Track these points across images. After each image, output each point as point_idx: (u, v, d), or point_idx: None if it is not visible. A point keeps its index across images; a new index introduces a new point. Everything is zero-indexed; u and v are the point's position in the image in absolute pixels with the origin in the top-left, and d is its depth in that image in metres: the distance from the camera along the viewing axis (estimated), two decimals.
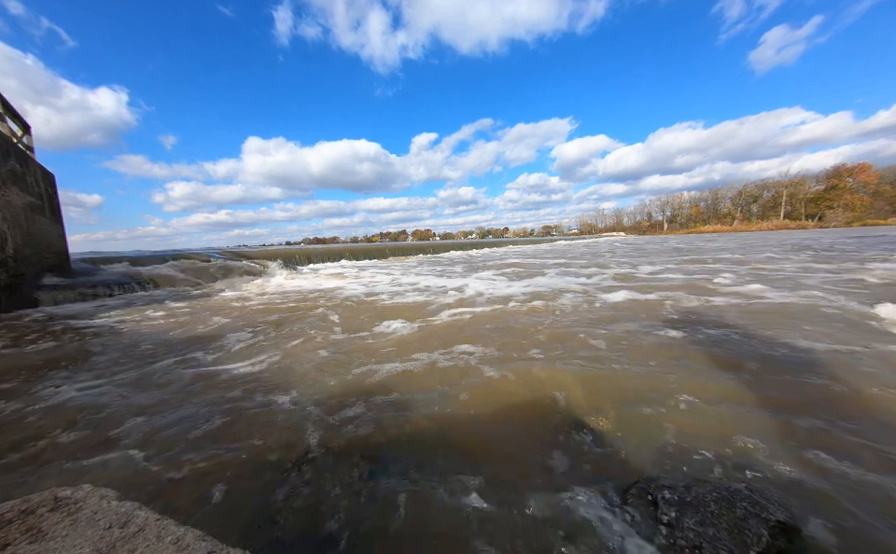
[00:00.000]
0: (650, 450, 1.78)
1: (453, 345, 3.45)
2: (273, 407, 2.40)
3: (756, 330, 3.53)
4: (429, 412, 2.21)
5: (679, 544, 1.21)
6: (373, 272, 12.55)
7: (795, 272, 7.31)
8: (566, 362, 2.90)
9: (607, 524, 1.34)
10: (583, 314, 4.51)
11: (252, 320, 5.18)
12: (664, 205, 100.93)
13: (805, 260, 9.56)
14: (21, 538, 0.92)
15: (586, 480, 1.58)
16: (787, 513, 1.28)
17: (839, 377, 2.45)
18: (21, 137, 8.71)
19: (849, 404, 2.12)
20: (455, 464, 1.73)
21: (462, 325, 4.29)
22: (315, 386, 2.70)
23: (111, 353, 3.81)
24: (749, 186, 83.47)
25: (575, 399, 2.30)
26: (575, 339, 3.51)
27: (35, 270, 7.91)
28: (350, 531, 1.37)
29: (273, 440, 1.99)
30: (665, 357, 2.93)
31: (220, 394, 2.64)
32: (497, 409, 2.23)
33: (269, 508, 1.49)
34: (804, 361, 2.75)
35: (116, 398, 2.65)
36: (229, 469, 1.75)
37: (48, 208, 8.87)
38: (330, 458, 1.81)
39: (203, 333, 4.55)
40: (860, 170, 65.48)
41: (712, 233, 58.07)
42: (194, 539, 0.93)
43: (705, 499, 1.34)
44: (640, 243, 29.24)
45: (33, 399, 2.68)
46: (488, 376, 2.70)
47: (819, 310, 4.23)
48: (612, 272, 8.74)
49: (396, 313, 5.10)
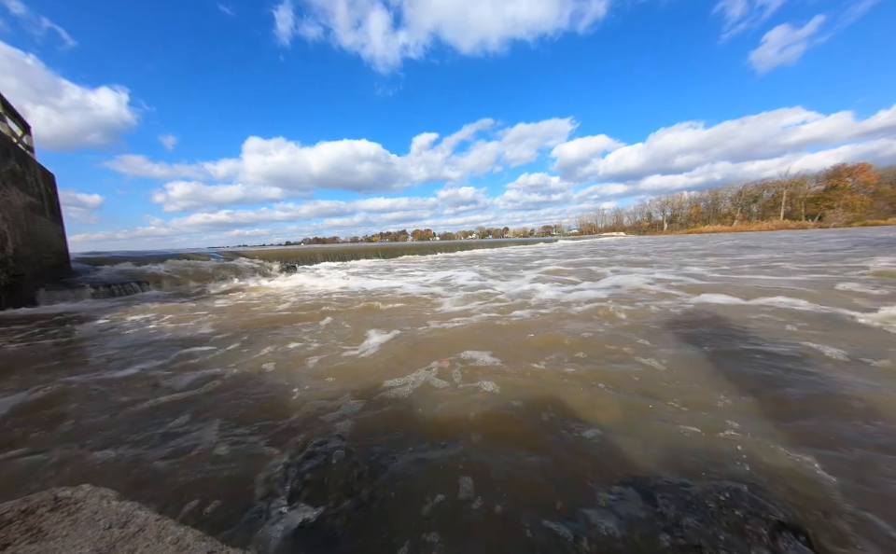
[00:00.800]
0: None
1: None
2: (280, 409, 2.40)
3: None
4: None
5: (679, 544, 1.21)
6: (401, 273, 11.71)
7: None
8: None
9: (607, 524, 1.34)
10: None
11: (254, 320, 5.18)
12: (664, 205, 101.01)
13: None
14: (21, 538, 0.92)
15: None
16: (787, 513, 1.28)
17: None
18: (21, 137, 8.71)
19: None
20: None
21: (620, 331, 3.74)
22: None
23: (108, 353, 3.81)
24: (749, 186, 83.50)
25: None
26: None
27: (35, 269, 7.91)
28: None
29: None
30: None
31: (217, 395, 2.65)
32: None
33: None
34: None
35: (110, 396, 2.65)
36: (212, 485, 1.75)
37: (48, 208, 8.87)
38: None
39: (202, 333, 4.55)
40: (859, 170, 65.50)
41: (713, 233, 58.05)
42: (194, 539, 0.93)
43: (705, 499, 1.34)
44: (648, 242, 27.84)
45: (29, 396, 2.69)
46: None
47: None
48: (673, 271, 8.39)
49: (524, 328, 4.02)
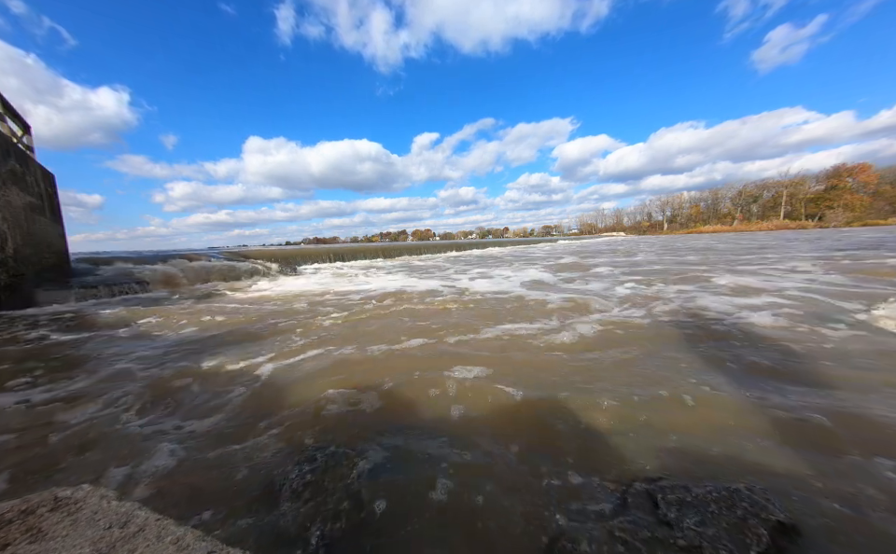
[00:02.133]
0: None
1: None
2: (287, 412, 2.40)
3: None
4: None
5: (678, 544, 1.21)
6: (423, 274, 10.90)
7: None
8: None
9: (606, 523, 1.34)
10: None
11: (257, 321, 5.19)
12: (664, 205, 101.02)
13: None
14: (21, 538, 0.92)
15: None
16: (787, 513, 1.28)
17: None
18: (21, 137, 8.71)
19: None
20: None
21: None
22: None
23: (105, 352, 3.81)
24: (749, 186, 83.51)
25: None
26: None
27: (35, 269, 7.91)
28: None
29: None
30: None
31: (213, 396, 2.65)
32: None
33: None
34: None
35: (107, 395, 2.65)
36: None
37: (48, 208, 8.86)
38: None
39: (199, 333, 4.55)
40: (859, 170, 65.51)
41: (712, 233, 58.03)
42: (194, 539, 0.93)
43: (705, 499, 1.34)
44: (654, 242, 26.74)
45: (26, 395, 2.69)
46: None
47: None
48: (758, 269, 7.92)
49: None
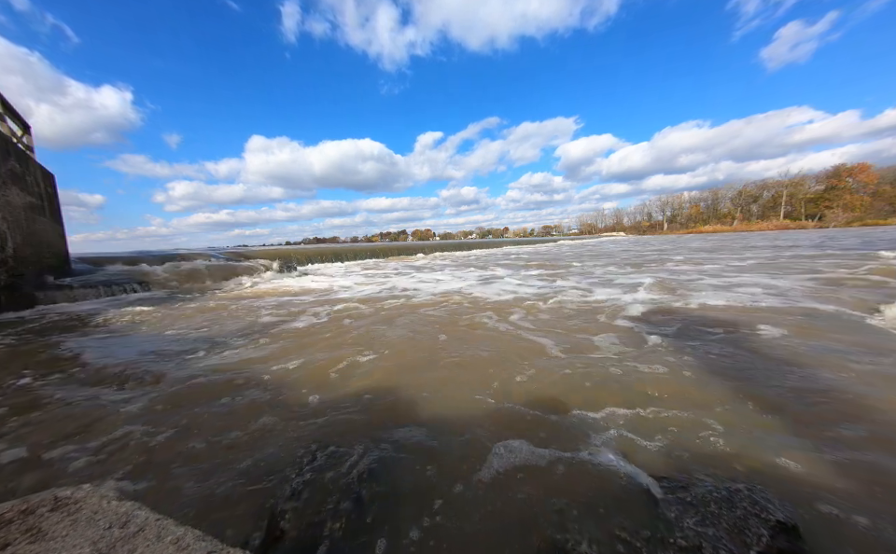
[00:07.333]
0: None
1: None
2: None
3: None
4: None
5: (678, 544, 1.21)
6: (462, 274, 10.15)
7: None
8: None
9: (606, 523, 1.34)
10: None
11: (257, 320, 5.18)
12: (664, 205, 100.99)
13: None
14: (21, 538, 0.92)
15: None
16: (787, 513, 1.28)
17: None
18: (20, 137, 8.71)
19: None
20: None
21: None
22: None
23: (104, 352, 3.81)
24: (749, 186, 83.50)
25: None
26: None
27: (35, 269, 7.91)
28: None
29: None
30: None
31: (213, 396, 2.65)
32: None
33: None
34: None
35: (106, 395, 2.65)
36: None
37: (48, 208, 8.86)
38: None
39: (200, 333, 4.55)
40: (859, 170, 65.50)
41: (712, 233, 58.06)
42: (194, 539, 0.93)
43: (705, 499, 1.34)
44: (658, 243, 26.75)
45: (25, 394, 2.69)
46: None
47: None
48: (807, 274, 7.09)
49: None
